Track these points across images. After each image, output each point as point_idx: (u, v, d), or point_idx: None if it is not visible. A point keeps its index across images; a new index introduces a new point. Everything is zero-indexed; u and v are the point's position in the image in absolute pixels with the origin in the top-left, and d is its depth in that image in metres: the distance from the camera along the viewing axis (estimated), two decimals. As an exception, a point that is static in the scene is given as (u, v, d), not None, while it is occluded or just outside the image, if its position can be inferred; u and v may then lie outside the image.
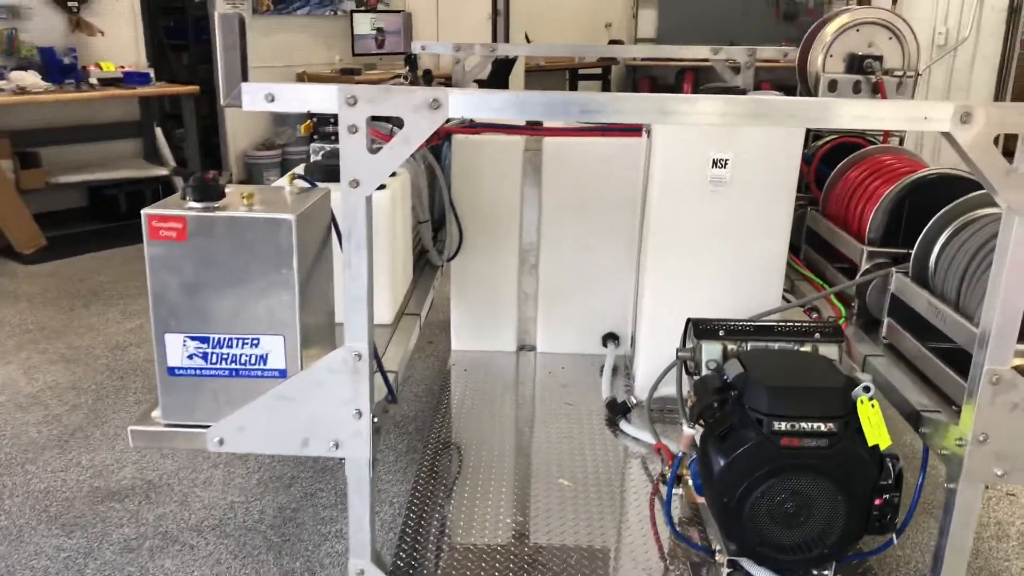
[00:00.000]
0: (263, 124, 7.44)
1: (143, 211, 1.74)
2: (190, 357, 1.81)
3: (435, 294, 2.92)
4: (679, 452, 2.18)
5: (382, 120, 2.39)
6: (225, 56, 1.64)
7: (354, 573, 1.93)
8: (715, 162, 2.66)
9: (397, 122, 1.67)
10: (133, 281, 4.97)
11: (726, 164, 2.66)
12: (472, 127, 3.15)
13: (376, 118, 1.66)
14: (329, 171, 2.34)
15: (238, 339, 1.80)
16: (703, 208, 2.71)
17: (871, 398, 1.85)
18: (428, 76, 3.89)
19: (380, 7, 7.90)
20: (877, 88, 3.12)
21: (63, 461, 3.00)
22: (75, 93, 5.75)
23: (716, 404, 1.94)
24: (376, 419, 1.84)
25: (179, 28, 8.24)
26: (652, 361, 2.84)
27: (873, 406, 1.85)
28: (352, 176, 1.64)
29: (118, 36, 6.34)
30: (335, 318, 2.08)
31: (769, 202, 2.70)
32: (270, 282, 1.77)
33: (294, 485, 2.85)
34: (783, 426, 1.82)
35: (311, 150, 2.77)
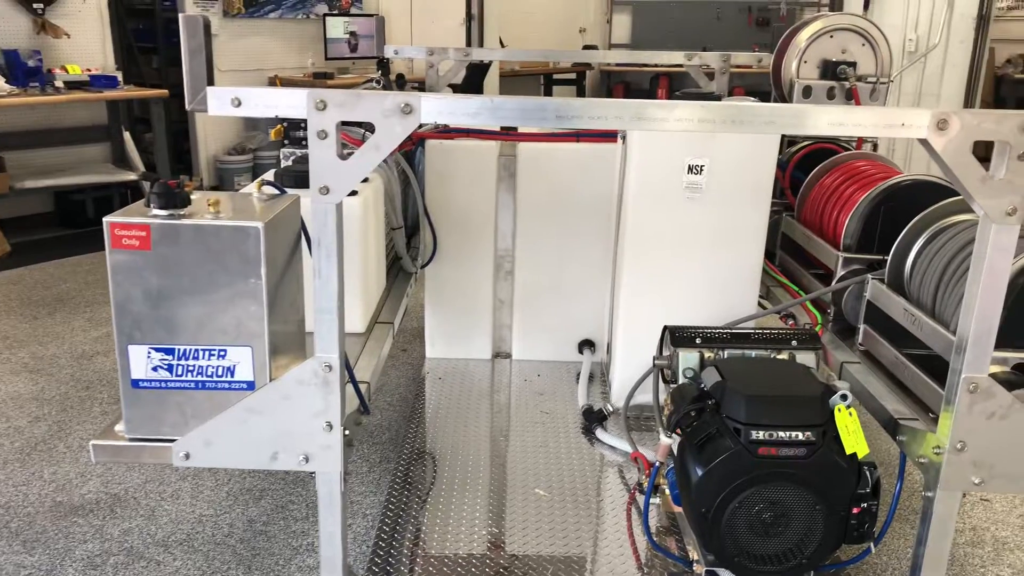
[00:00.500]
0: (235, 128, 7.34)
1: (105, 219, 1.68)
2: (155, 369, 1.76)
3: (409, 301, 2.88)
4: (656, 461, 2.15)
5: (355, 125, 2.35)
6: (190, 59, 1.59)
7: (325, 589, 1.89)
8: (691, 168, 2.65)
9: (370, 127, 1.64)
10: (100, 288, 4.87)
11: (701, 170, 2.65)
12: (446, 132, 3.12)
13: (347, 123, 1.62)
14: (299, 177, 2.29)
15: (204, 350, 1.75)
16: (678, 214, 2.70)
17: (848, 406, 1.84)
18: (401, 80, 3.86)
19: (353, 11, 7.84)
20: (851, 94, 3.14)
21: (25, 475, 2.91)
22: (40, 96, 5.63)
23: (693, 413, 1.92)
24: (347, 431, 1.80)
25: (148, 31, 8.11)
26: (628, 368, 2.82)
27: (851, 414, 1.84)
28: (322, 183, 1.60)
29: (85, 38, 6.22)
30: (306, 327, 2.03)
31: (745, 208, 2.70)
32: (237, 292, 1.72)
33: (265, 497, 2.79)
34: (761, 435, 1.80)
35: (281, 155, 2.72)
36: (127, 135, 6.40)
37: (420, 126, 1.65)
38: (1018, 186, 1.57)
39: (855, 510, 1.84)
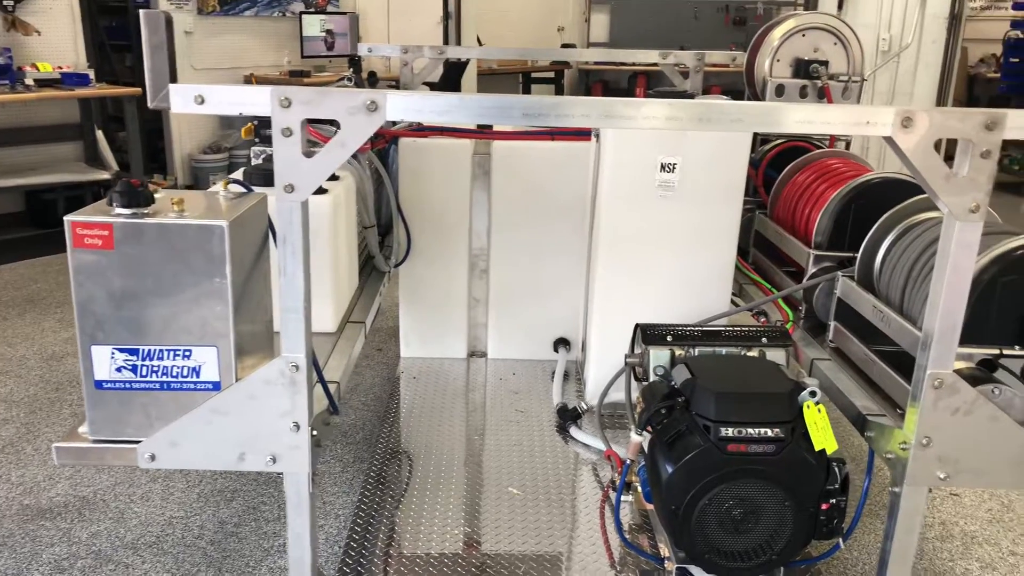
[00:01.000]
0: (209, 127, 7.27)
1: (66, 218, 1.65)
2: (118, 370, 1.73)
3: (383, 301, 2.87)
4: (627, 459, 2.15)
5: (325, 123, 2.33)
6: (152, 56, 1.57)
7: (294, 591, 1.87)
8: (663, 166, 2.65)
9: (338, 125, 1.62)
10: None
11: (674, 168, 2.65)
12: (420, 130, 3.10)
13: (319, 121, 1.61)
14: (268, 175, 2.25)
15: (169, 351, 1.73)
16: (652, 212, 2.70)
17: (817, 403, 1.85)
18: (373, 78, 3.83)
19: (330, 8, 7.80)
20: (823, 93, 3.15)
21: (-8, 478, 2.87)
22: (10, 94, 5.55)
23: (664, 411, 1.92)
24: (316, 432, 1.78)
25: (121, 28, 8.01)
26: (603, 366, 2.82)
27: (820, 411, 1.84)
28: (286, 181, 1.58)
29: (56, 36, 6.14)
30: (274, 327, 2.01)
31: (717, 206, 2.70)
32: (202, 291, 1.70)
33: (236, 499, 2.76)
34: (730, 432, 1.80)
35: (252, 153, 2.69)
36: (100, 134, 6.32)
37: (394, 124, 1.64)
38: (981, 184, 1.58)
39: (824, 506, 1.85)
